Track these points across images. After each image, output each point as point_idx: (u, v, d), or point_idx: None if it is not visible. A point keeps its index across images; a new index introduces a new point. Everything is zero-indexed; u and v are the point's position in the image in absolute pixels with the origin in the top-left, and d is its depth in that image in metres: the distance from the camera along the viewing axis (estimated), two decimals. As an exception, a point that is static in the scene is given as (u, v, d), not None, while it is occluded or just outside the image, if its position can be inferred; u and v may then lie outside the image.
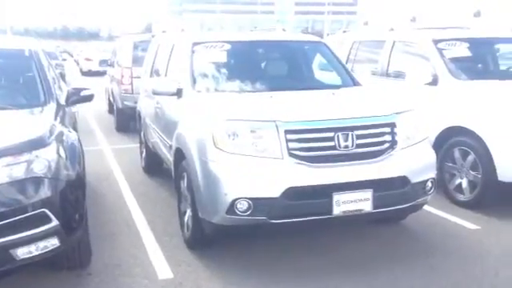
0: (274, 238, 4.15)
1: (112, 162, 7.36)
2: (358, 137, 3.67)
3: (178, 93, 4.50)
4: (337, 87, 4.74)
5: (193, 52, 4.74)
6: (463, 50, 5.86)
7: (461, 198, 5.12)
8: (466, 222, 4.67)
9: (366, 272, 3.65)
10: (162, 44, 5.93)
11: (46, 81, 4.10)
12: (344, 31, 8.26)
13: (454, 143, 5.19)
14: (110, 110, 11.61)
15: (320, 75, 5.24)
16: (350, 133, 3.64)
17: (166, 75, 5.32)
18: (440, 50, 5.74)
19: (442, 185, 5.30)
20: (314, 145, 3.59)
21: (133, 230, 4.58)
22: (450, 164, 5.24)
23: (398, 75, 6.14)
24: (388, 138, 3.78)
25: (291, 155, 3.52)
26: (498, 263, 3.82)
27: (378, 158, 3.71)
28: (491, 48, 6.35)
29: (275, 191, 3.45)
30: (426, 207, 4.88)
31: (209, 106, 4.02)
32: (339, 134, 3.61)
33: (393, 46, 6.47)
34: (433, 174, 3.98)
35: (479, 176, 4.88)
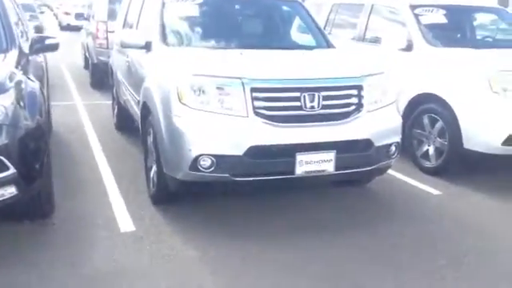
0: (239, 197, 4.18)
1: (84, 117, 7.28)
2: (325, 98, 3.66)
3: (147, 46, 4.40)
4: (310, 48, 4.71)
5: (163, 4, 4.62)
6: (440, 17, 5.84)
7: (427, 164, 5.20)
8: (429, 188, 4.76)
9: (327, 234, 3.70)
10: (135, -4, 5.77)
11: (9, 27, 3.97)
12: (324, -7, 8.11)
13: (423, 110, 5.23)
14: (86, 66, 11.39)
15: (296, 36, 5.17)
16: (317, 93, 3.62)
17: (136, 28, 5.20)
18: (416, 16, 5.72)
19: (411, 151, 5.39)
20: (279, 104, 3.57)
21: (99, 184, 4.57)
22: (419, 131, 5.29)
23: (375, 40, 6.12)
24: (354, 100, 3.78)
25: (256, 114, 3.51)
26: (455, 226, 3.92)
27: (344, 120, 3.71)
28: (469, 16, 6.35)
29: (239, 149, 3.44)
30: (392, 173, 5.00)
31: (176, 60, 3.95)
32: (305, 94, 3.60)
33: (371, 10, 6.42)
34: (397, 138, 4.01)
35: (446, 143, 4.95)
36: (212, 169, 3.46)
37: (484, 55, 5.12)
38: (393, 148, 3.98)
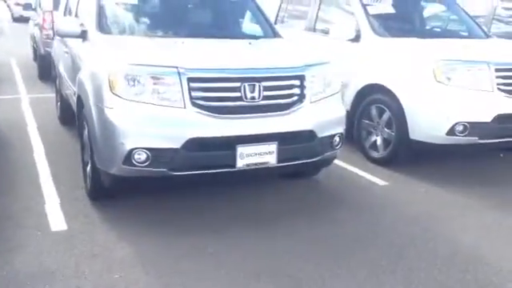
0: (179, 191, 4.03)
1: (27, 110, 6.96)
2: (266, 88, 3.55)
3: (83, 35, 4.18)
4: (255, 38, 4.58)
5: (102, -10, 4.40)
6: (388, 7, 5.83)
7: (375, 155, 5.18)
8: (376, 179, 4.74)
9: (267, 227, 3.61)
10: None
11: None
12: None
13: (371, 101, 5.20)
14: (36, 58, 10.95)
15: (243, 25, 5.03)
16: (258, 84, 3.51)
17: (76, 16, 4.95)
18: (364, 6, 5.67)
19: (360, 142, 5.37)
20: (218, 95, 3.44)
21: (35, 180, 4.33)
22: (367, 121, 5.27)
23: (324, 30, 6.05)
24: (297, 90, 3.69)
25: (194, 104, 3.36)
26: (398, 216, 3.90)
27: (286, 111, 3.62)
28: (417, 6, 6.37)
29: (176, 142, 3.30)
30: (340, 163, 4.97)
31: (109, 48, 3.75)
32: (246, 84, 3.48)
33: (321, 0, 6.35)
34: (341, 128, 3.95)
35: (393, 134, 4.94)
36: (147, 163, 3.30)
37: (429, 45, 5.12)
38: (337, 139, 3.92)
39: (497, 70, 4.62)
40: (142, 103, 3.32)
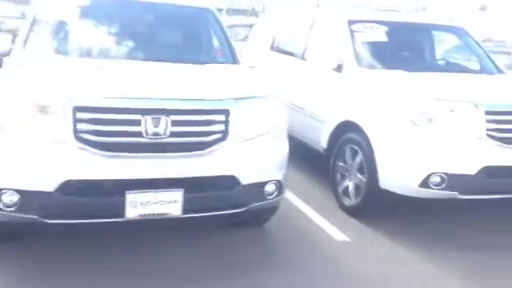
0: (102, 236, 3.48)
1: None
2: (175, 123, 2.97)
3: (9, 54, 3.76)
4: (202, 63, 4.00)
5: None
6: (381, 35, 5.10)
7: (346, 202, 4.43)
8: (337, 232, 4.00)
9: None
10: None
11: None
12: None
13: (345, 140, 4.48)
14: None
15: (199, 48, 4.47)
16: (165, 117, 2.93)
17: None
18: (352, 32, 4.99)
19: (333, 186, 4.66)
20: (110, 128, 2.88)
21: None
22: (342, 164, 4.54)
23: (311, 58, 5.41)
24: (218, 127, 3.08)
25: (78, 139, 2.82)
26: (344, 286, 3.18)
27: (201, 152, 3.02)
28: (419, 34, 5.61)
29: (49, 184, 2.76)
30: (305, 209, 4.39)
31: (13, 75, 3.25)
32: (148, 117, 2.91)
33: (312, 26, 5.73)
34: (277, 175, 3.29)
35: (364, 180, 4.19)
36: (15, 207, 2.77)
37: (412, 79, 4.33)
38: (271, 186, 3.27)
39: (488, 113, 3.81)
40: (21, 136, 2.81)
